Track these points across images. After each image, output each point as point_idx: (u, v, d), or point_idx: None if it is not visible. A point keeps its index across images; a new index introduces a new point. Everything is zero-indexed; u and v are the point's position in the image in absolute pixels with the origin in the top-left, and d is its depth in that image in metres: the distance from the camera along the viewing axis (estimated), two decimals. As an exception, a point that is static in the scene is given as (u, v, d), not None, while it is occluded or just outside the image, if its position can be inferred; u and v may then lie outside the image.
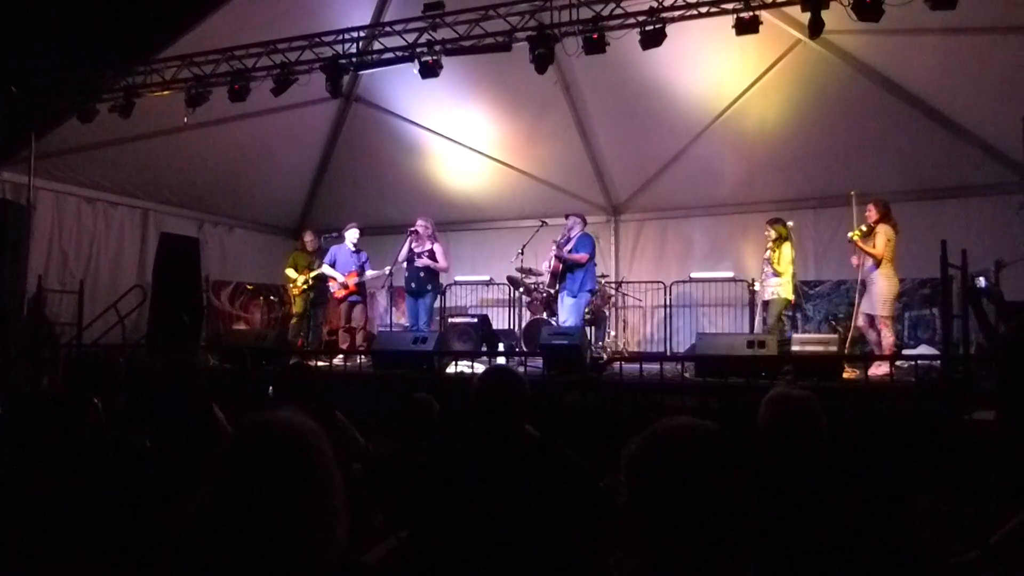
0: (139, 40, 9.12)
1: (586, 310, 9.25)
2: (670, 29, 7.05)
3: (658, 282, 11.09)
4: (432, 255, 9.27)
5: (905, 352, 8.42)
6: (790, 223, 8.53)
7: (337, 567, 1.45)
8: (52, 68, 9.02)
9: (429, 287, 9.37)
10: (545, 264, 9.31)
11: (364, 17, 9.47)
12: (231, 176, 11.38)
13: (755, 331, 9.01)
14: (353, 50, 8.37)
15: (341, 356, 9.10)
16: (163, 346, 9.86)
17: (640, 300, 11.15)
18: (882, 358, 7.34)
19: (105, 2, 9.33)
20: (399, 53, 8.08)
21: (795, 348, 7.58)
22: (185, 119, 8.93)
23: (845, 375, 7.03)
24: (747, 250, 10.68)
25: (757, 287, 9.29)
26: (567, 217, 9.29)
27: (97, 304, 10.10)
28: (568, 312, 8.80)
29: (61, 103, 9.04)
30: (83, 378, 3.74)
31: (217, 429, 3.37)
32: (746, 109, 9.78)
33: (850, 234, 7.67)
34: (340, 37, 8.35)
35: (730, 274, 10.85)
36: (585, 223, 9.27)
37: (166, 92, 8.83)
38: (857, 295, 7.95)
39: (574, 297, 8.84)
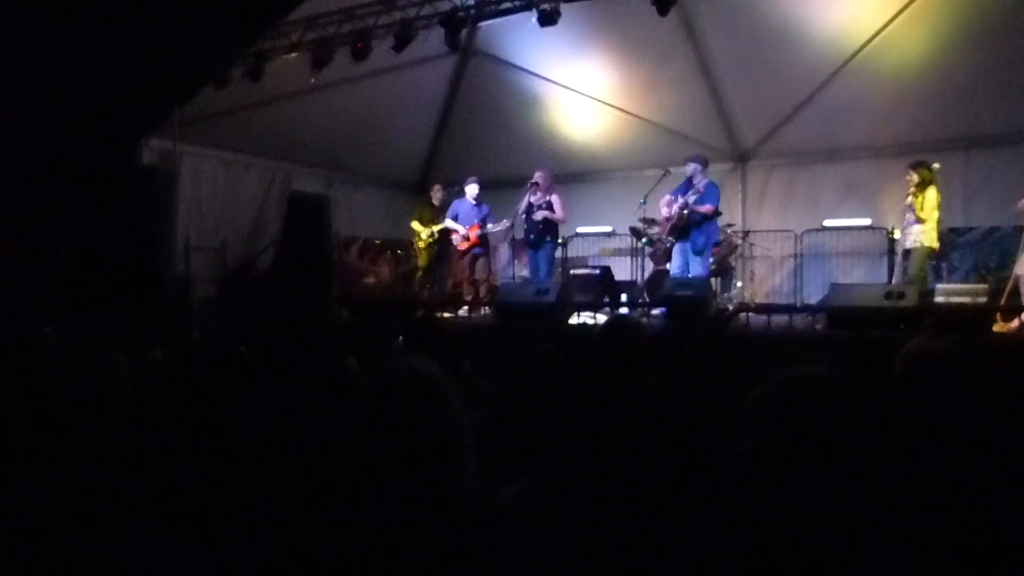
0: (266, 5, 9.49)
1: (711, 261, 9.04)
2: (801, -38, 6.69)
3: (788, 231, 10.68)
4: (550, 207, 9.29)
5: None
6: (935, 165, 8.00)
7: (472, 503, 1.55)
8: (189, 38, 9.53)
9: (548, 238, 9.41)
10: (665, 211, 8.83)
11: (482, -32, 9.46)
12: (356, 134, 11.72)
13: (894, 281, 8.58)
14: (471, 2, 8.40)
15: (465, 308, 9.33)
16: (298, 301, 10.39)
17: (768, 250, 10.79)
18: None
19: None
20: (517, 2, 8.06)
21: (939, 299, 7.19)
22: (312, 80, 9.26)
23: (995, 329, 6.61)
24: (886, 196, 10.09)
25: (897, 235, 8.81)
26: (686, 163, 8.78)
27: (234, 261, 10.76)
28: (698, 269, 8.52)
29: (199, 71, 9.56)
30: (228, 329, 4.03)
31: (350, 378, 3.55)
32: (887, 44, 9.16)
33: None
34: (458, -10, 8.41)
35: (867, 221, 10.31)
36: (706, 166, 8.82)
37: (293, 55, 9.18)
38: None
39: (700, 254, 8.50)
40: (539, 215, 9.27)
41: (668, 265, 9.32)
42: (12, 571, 1.87)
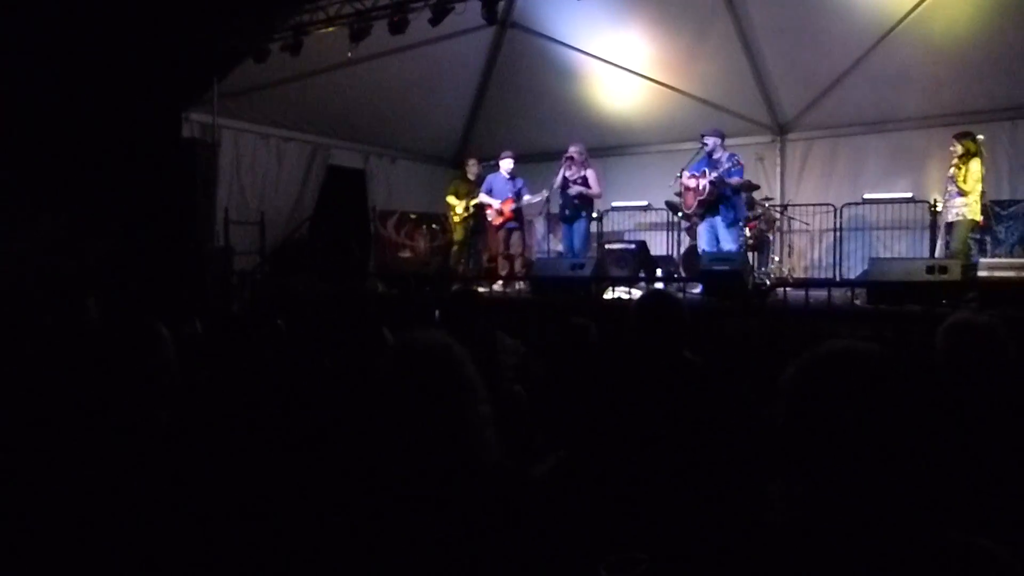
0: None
1: (748, 235, 8.93)
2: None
3: (827, 204, 10.50)
4: (585, 181, 9.20)
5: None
6: (980, 136, 7.81)
7: (499, 473, 1.56)
8: (228, 11, 9.58)
9: (583, 213, 9.33)
10: (691, 184, 8.44)
11: (519, -61, 9.35)
12: (393, 108, 11.71)
13: (937, 255, 8.40)
14: (508, -26, 8.32)
15: (500, 282, 9.33)
16: (334, 274, 10.49)
17: (807, 224, 10.62)
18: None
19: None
20: (554, -26, 7.96)
21: (982, 274, 7.03)
22: (349, 54, 9.26)
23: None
24: (929, 168, 9.86)
25: (940, 208, 8.62)
26: (704, 137, 8.48)
27: (272, 235, 10.88)
28: (729, 242, 8.44)
29: (238, 45, 9.61)
30: (267, 302, 4.09)
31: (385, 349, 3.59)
32: (933, 11, 8.90)
33: None
34: (495, -39, 8.31)
35: (909, 194, 10.10)
36: (724, 139, 8.53)
37: (331, 28, 9.18)
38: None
39: (731, 227, 8.39)
40: (574, 190, 9.20)
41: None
42: (54, 540, 1.92)
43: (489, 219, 10.04)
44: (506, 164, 9.89)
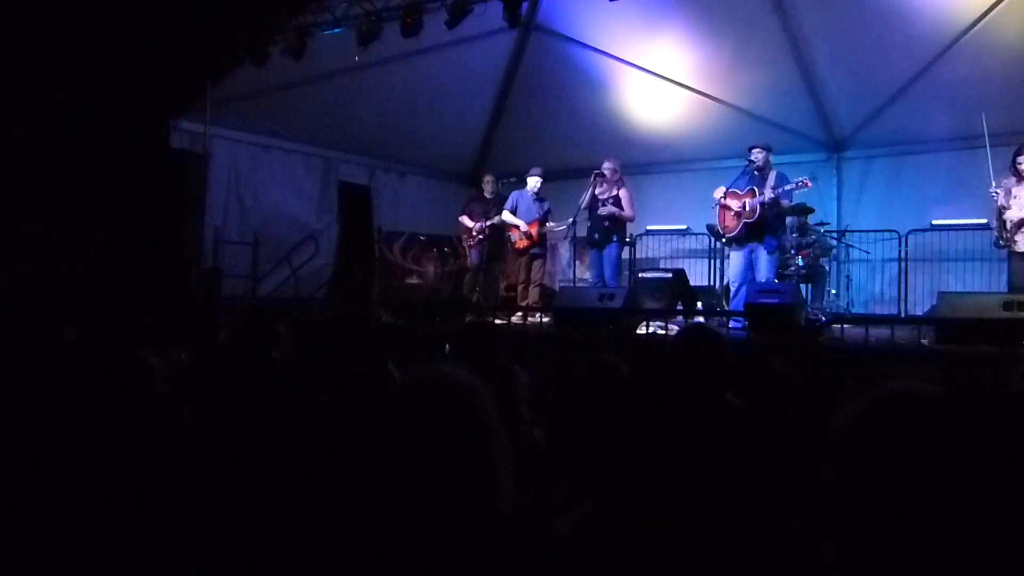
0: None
1: (800, 264, 8.98)
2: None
3: (891, 231, 10.47)
4: (617, 202, 9.21)
5: None
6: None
7: (516, 527, 1.57)
8: (223, 10, 9.74)
9: (614, 237, 9.33)
10: (740, 202, 8.42)
11: (545, -67, 9.50)
12: (403, 118, 11.82)
13: (1016, 289, 8.34)
14: (533, -28, 8.44)
15: (520, 314, 9.34)
16: (338, 300, 10.56)
17: (868, 252, 10.59)
18: None
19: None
20: (584, -28, 8.07)
21: (1067, 311, 6.96)
22: (356, 58, 9.39)
23: None
24: (1007, 191, 9.82)
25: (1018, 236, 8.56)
26: (751, 150, 8.53)
27: (274, 254, 10.95)
28: (769, 272, 8.41)
29: (235, 46, 9.75)
30: (259, 330, 4.14)
31: (393, 386, 3.61)
32: (1008, 13, 8.91)
33: None
34: (519, -42, 8.44)
35: (983, 220, 10.04)
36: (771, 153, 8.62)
37: (337, 30, 9.32)
38: None
39: (773, 254, 8.40)
40: (605, 211, 9.21)
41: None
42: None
43: (512, 241, 10.04)
44: (533, 182, 9.91)
